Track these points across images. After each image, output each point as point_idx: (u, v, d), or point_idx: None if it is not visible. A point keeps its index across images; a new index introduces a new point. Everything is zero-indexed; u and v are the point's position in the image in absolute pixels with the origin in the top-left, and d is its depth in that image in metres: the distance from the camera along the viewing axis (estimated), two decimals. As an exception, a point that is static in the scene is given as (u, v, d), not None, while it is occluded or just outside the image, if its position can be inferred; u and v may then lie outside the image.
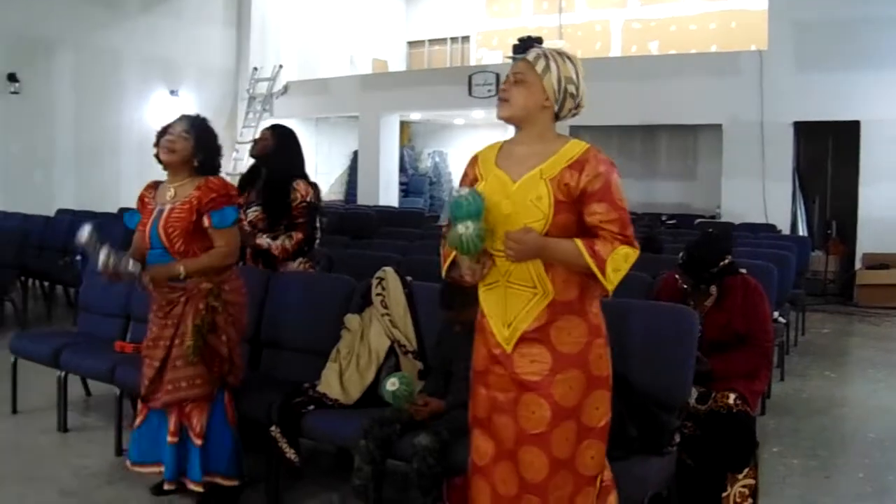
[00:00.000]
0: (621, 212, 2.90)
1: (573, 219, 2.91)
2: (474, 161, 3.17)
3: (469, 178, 3.13)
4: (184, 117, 4.40)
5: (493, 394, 3.03)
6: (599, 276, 2.83)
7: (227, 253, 4.25)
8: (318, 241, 5.70)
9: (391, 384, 3.82)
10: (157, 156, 4.34)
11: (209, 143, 4.36)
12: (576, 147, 2.97)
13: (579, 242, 2.84)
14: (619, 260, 2.85)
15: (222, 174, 4.47)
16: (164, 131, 4.33)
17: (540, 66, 2.96)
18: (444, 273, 3.18)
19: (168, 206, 4.22)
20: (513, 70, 3.02)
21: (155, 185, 4.44)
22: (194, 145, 4.27)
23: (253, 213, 5.40)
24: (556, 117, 3.05)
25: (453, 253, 3.04)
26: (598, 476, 3.05)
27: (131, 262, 4.14)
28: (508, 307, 2.97)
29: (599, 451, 3.02)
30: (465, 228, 2.79)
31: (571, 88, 3.00)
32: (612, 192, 2.90)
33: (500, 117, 3.05)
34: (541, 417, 2.92)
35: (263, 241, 5.38)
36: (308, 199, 5.47)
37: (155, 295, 4.26)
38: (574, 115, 3.09)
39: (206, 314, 4.15)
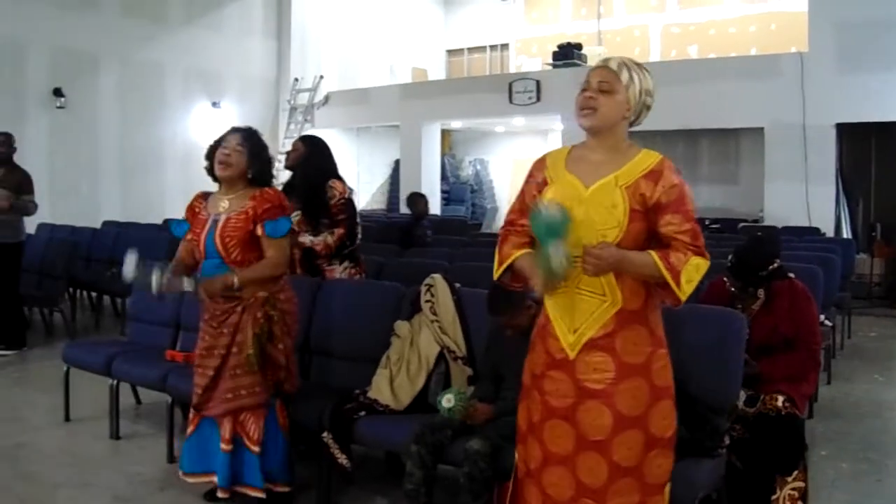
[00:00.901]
0: (693, 223, 2.92)
1: (644, 227, 2.92)
2: (542, 164, 3.16)
3: (537, 180, 3.12)
4: (235, 129, 4.37)
5: (548, 399, 3.02)
6: (674, 287, 2.84)
7: (277, 262, 4.24)
8: (359, 237, 5.75)
9: (447, 401, 3.83)
10: (207, 169, 4.35)
11: (262, 155, 4.34)
12: (649, 157, 2.98)
13: (654, 255, 2.85)
14: (692, 271, 2.86)
15: None
16: (216, 145, 4.31)
17: (624, 77, 2.96)
18: (496, 275, 3.18)
19: (224, 216, 4.22)
20: (597, 78, 2.99)
21: (205, 196, 4.43)
22: (248, 158, 4.26)
23: (294, 217, 5.42)
24: (629, 126, 3.06)
25: (511, 258, 3.08)
26: (666, 484, 3.04)
27: (185, 279, 4.18)
28: (576, 314, 2.96)
29: (667, 461, 3.02)
30: (555, 251, 2.77)
31: (649, 101, 3.04)
32: (686, 204, 2.92)
33: (585, 126, 3.02)
34: (601, 425, 2.92)
35: (306, 238, 5.46)
36: (346, 195, 5.58)
37: (208, 305, 4.27)
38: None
39: (265, 323, 4.18)
